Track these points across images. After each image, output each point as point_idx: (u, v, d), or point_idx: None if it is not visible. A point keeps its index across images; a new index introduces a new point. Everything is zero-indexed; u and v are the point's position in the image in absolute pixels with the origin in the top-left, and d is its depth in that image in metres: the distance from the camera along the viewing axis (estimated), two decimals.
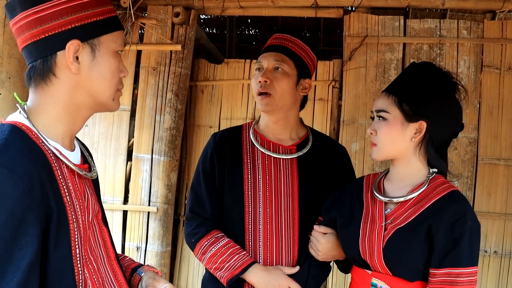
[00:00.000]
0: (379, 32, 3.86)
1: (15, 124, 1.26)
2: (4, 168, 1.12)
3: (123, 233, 4.00)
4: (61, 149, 1.31)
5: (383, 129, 1.76)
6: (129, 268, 1.58)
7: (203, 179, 2.15)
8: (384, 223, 1.76)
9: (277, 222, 2.06)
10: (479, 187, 3.74)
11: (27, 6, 1.28)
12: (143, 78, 3.99)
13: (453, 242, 1.63)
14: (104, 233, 1.45)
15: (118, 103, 1.43)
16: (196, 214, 2.13)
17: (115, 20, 1.38)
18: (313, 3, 3.82)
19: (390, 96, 1.77)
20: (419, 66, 1.86)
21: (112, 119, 4.06)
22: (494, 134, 3.74)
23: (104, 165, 4.04)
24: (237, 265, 1.98)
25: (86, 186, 1.38)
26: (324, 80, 4.04)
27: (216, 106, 4.30)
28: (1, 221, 1.09)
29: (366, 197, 1.90)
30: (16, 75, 2.30)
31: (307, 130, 2.24)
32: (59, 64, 1.29)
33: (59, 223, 1.21)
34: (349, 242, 1.86)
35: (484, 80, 3.76)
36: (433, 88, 1.78)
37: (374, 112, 1.82)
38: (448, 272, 1.63)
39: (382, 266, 1.74)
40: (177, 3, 3.96)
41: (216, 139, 2.19)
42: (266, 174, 2.09)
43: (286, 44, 2.13)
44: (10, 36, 2.27)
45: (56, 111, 1.31)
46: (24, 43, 1.30)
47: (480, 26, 3.78)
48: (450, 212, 1.67)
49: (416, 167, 1.80)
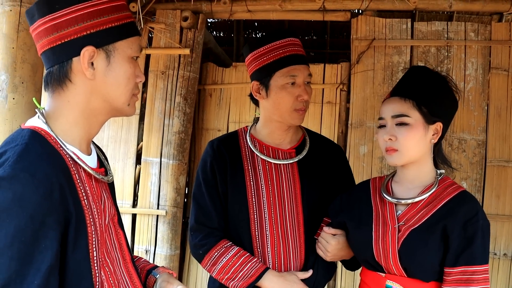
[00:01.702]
0: (386, 35, 3.87)
1: (34, 129, 1.28)
2: (25, 172, 1.14)
3: (132, 236, 4.02)
4: (79, 153, 1.33)
5: (406, 134, 1.75)
6: (144, 270, 1.60)
7: (205, 188, 2.11)
8: (397, 225, 1.77)
9: (283, 227, 2.06)
10: (488, 189, 3.74)
11: (44, 13, 1.30)
12: (152, 82, 4.02)
13: (467, 241, 1.67)
14: (120, 236, 1.46)
15: (134, 108, 1.44)
16: (202, 225, 2.09)
17: (131, 26, 1.40)
18: (320, 7, 3.83)
19: (406, 100, 1.76)
20: (421, 69, 1.88)
21: (121, 122, 4.08)
22: (503, 136, 3.74)
23: (113, 169, 4.06)
24: (251, 273, 1.98)
25: (103, 189, 1.40)
26: (332, 83, 4.05)
27: (225, 110, 4.31)
28: (22, 224, 1.11)
29: (374, 200, 1.91)
30: (29, 80, 2.32)
31: (303, 131, 2.23)
32: (75, 70, 1.31)
33: (78, 227, 1.23)
34: (362, 245, 1.86)
35: (492, 82, 3.76)
36: (443, 89, 1.81)
37: (389, 118, 1.79)
38: (464, 270, 1.66)
39: (398, 267, 1.75)
40: (186, 7, 3.99)
41: (214, 147, 2.15)
42: (268, 180, 2.08)
43: (303, 52, 2.10)
44: (23, 42, 2.30)
45: (73, 116, 1.33)
46: (42, 49, 1.33)
47: (488, 28, 3.78)
48: (463, 212, 1.70)
49: (427, 168, 1.83)
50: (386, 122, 1.80)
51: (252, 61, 2.09)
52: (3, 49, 2.34)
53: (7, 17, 2.36)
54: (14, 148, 1.20)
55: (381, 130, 1.82)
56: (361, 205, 1.93)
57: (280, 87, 2.02)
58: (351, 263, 2.11)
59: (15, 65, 2.31)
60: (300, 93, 2.02)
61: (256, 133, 2.18)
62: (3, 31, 2.35)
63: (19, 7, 2.32)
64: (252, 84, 2.10)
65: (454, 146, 3.74)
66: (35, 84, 2.33)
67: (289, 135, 2.15)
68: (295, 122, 2.08)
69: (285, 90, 2.02)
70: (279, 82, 2.02)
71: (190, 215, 2.17)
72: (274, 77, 2.03)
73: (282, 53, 2.03)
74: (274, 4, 3.87)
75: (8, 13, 2.35)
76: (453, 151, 3.73)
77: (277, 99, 2.03)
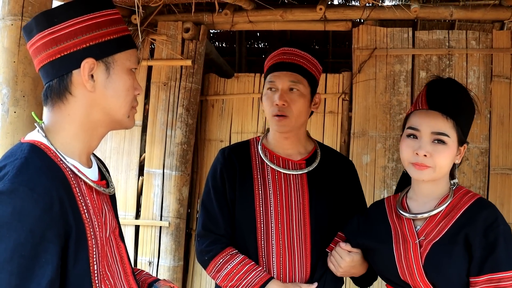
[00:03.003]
0: (388, 44, 3.87)
1: (34, 143, 1.28)
2: (25, 187, 1.15)
3: (135, 248, 4.01)
4: (79, 166, 1.33)
5: (443, 154, 1.71)
6: (145, 283, 1.59)
7: (214, 195, 2.12)
8: (418, 240, 1.74)
9: (289, 238, 2.05)
10: (492, 198, 3.71)
11: (43, 27, 1.31)
12: (154, 93, 4.02)
13: (489, 247, 1.63)
14: (121, 248, 1.46)
15: (133, 120, 1.45)
16: (209, 231, 2.10)
17: (128, 39, 1.41)
18: (321, 17, 3.84)
19: (448, 119, 1.72)
20: (457, 85, 1.83)
21: (123, 134, 4.09)
22: (506, 144, 3.72)
23: (116, 180, 4.06)
24: (255, 282, 1.97)
25: (104, 202, 1.40)
26: (334, 93, 4.05)
27: (227, 120, 4.31)
28: (22, 239, 1.11)
29: (391, 218, 1.88)
30: (31, 94, 2.33)
31: (314, 144, 2.23)
32: (75, 83, 1.32)
33: (78, 240, 1.23)
34: (385, 264, 1.83)
35: (494, 90, 3.75)
36: (473, 111, 1.82)
37: (428, 133, 1.73)
38: (490, 278, 1.62)
39: (426, 283, 1.71)
40: (187, 18, 4.00)
41: (225, 155, 2.17)
42: (277, 190, 2.08)
43: (298, 61, 2.09)
44: (24, 55, 2.31)
45: (73, 129, 1.34)
46: (40, 63, 1.33)
47: (489, 36, 3.78)
48: (482, 219, 1.67)
49: (444, 182, 1.80)
50: (421, 135, 1.74)
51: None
52: (4, 63, 2.36)
53: (8, 31, 2.37)
54: (13, 162, 1.20)
55: (410, 141, 1.76)
56: (379, 224, 1.90)
57: (264, 94, 2.11)
58: (360, 280, 2.10)
59: (17, 79, 2.32)
60: (275, 99, 2.04)
61: (267, 143, 2.19)
62: (4, 45, 2.36)
63: (20, 21, 2.34)
64: None
65: None
66: (36, 98, 2.33)
67: (297, 146, 2.15)
68: (276, 128, 2.09)
69: (265, 96, 2.10)
70: (264, 90, 2.13)
71: (198, 221, 2.18)
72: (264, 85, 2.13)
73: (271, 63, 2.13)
74: (275, 15, 3.88)
75: (9, 27, 2.37)
76: None
77: (263, 106, 2.13)
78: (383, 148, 3.82)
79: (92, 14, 1.33)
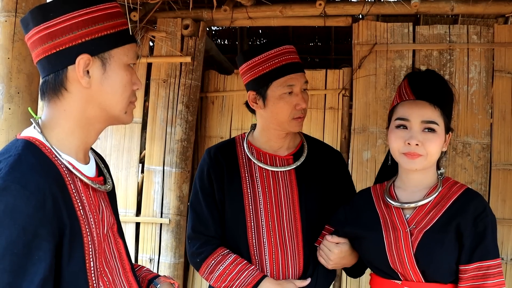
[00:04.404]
0: (388, 40, 3.85)
1: (29, 139, 1.27)
2: (17, 184, 1.13)
3: (136, 245, 4.01)
4: (75, 162, 1.32)
5: (434, 142, 1.75)
6: (145, 279, 1.58)
7: (202, 197, 2.10)
8: (409, 228, 1.76)
9: (281, 234, 2.04)
10: (493, 193, 3.69)
11: (39, 21, 1.29)
12: (153, 90, 4.02)
13: (479, 236, 1.70)
14: (120, 245, 1.45)
15: (131, 116, 1.43)
16: (199, 233, 2.09)
17: (126, 33, 1.39)
18: (321, 12, 3.82)
19: (436, 108, 1.76)
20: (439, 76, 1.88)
21: (123, 131, 4.08)
22: (508, 139, 3.70)
23: (116, 178, 4.05)
24: (248, 281, 1.96)
25: (101, 198, 1.39)
26: (334, 89, 4.03)
27: (227, 117, 4.30)
28: (14, 236, 1.10)
29: (379, 207, 1.89)
30: (25, 90, 2.32)
31: (301, 137, 2.21)
32: (70, 79, 1.30)
33: (73, 237, 1.21)
34: (375, 253, 1.84)
35: (495, 85, 3.73)
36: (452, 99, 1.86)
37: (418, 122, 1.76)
38: (479, 266, 1.68)
39: (415, 272, 1.74)
40: (186, 15, 3.99)
41: (211, 155, 2.14)
42: (265, 187, 2.07)
43: (298, 59, 2.08)
44: (19, 52, 2.30)
45: (69, 125, 1.32)
46: (37, 57, 1.32)
47: (491, 30, 3.75)
48: (472, 208, 1.73)
49: (432, 171, 1.84)
50: (411, 125, 1.77)
51: (247, 71, 2.07)
52: None
53: (2, 27, 2.36)
54: (7, 159, 1.19)
55: (399, 131, 1.79)
56: (366, 212, 1.91)
57: (278, 97, 2.00)
58: (352, 270, 2.10)
59: (11, 75, 2.31)
60: (298, 102, 2.00)
61: (254, 140, 2.16)
62: None
63: (14, 18, 2.32)
64: (248, 94, 2.10)
65: (458, 150, 3.70)
66: (31, 94, 2.32)
67: (286, 142, 2.13)
68: (294, 129, 2.07)
69: (283, 100, 2.00)
70: (276, 92, 2.00)
71: (188, 224, 2.17)
72: (271, 87, 2.01)
73: (278, 63, 2.00)
74: (274, 11, 3.86)
75: (3, 24, 2.36)
76: (457, 155, 3.69)
77: (275, 109, 2.02)
78: (383, 144, 3.80)
79: (89, 8, 1.30)
